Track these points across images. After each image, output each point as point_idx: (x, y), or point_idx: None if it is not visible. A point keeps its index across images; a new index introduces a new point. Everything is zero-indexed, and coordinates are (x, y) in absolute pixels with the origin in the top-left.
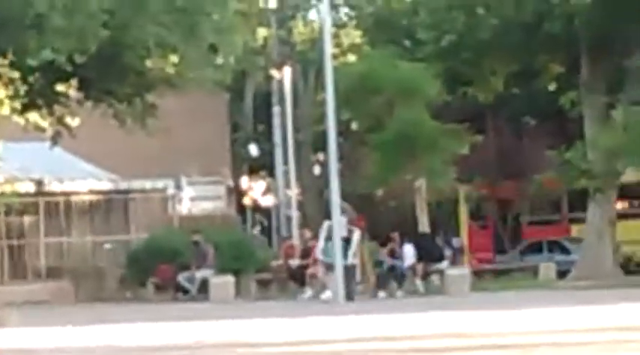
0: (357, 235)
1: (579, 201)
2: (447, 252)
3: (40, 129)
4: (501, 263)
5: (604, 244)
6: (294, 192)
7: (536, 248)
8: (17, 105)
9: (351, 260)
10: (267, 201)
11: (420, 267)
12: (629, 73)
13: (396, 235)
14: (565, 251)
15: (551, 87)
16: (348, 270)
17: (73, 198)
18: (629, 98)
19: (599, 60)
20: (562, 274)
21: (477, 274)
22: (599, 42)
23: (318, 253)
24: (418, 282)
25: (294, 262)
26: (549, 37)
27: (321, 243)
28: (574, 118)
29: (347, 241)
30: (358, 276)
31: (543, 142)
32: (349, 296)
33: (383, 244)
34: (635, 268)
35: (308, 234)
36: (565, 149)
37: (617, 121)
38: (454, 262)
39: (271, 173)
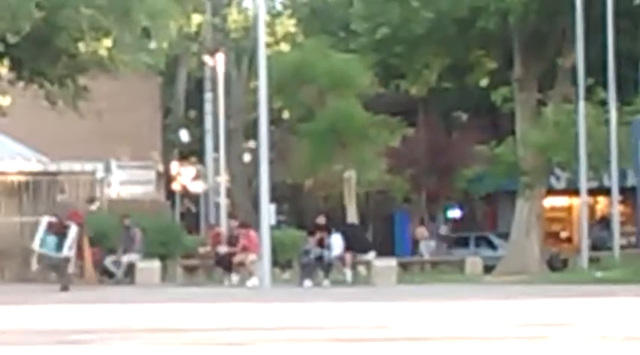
0: (73, 230)
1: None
2: (431, 242)
3: None
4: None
5: (530, 240)
6: (223, 179)
7: (463, 242)
8: None
9: (66, 253)
10: (197, 187)
11: (348, 257)
12: (560, 71)
13: (322, 220)
14: (492, 246)
15: (484, 82)
16: (61, 262)
17: (1, 178)
18: (560, 95)
19: (531, 57)
20: (489, 269)
21: (404, 266)
22: (533, 39)
23: (35, 245)
24: (347, 272)
25: (222, 249)
26: (483, 32)
27: (39, 235)
28: (505, 114)
29: (63, 235)
30: (72, 268)
31: (474, 137)
32: (64, 288)
33: (311, 233)
34: (561, 265)
35: (234, 222)
36: (495, 144)
37: (548, 118)
38: (441, 249)
39: (201, 159)
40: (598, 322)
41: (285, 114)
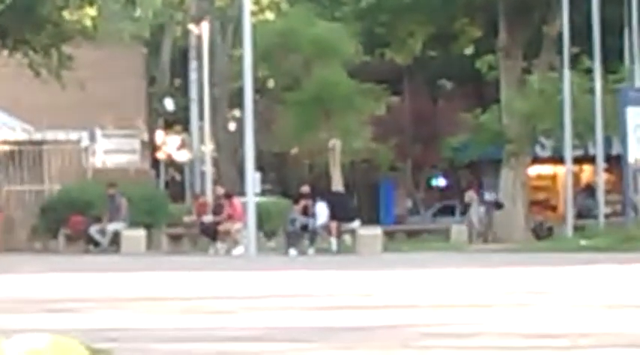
0: None
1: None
2: (481, 207)
3: None
4: (414, 224)
5: (516, 208)
6: (208, 148)
7: (448, 210)
8: None
9: None
10: (182, 156)
11: (333, 226)
12: (546, 39)
13: (306, 189)
14: (466, 214)
15: (469, 50)
16: None
17: None
18: (545, 64)
19: (517, 25)
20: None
21: (389, 235)
22: (518, 7)
23: None
24: (333, 240)
25: (207, 218)
26: (468, 1)
27: None
28: (490, 82)
29: None
30: None
31: (459, 105)
32: None
33: (295, 201)
34: (547, 233)
35: (221, 190)
36: (480, 112)
37: (533, 87)
38: (491, 215)
39: (186, 128)
40: (581, 290)
41: (270, 83)
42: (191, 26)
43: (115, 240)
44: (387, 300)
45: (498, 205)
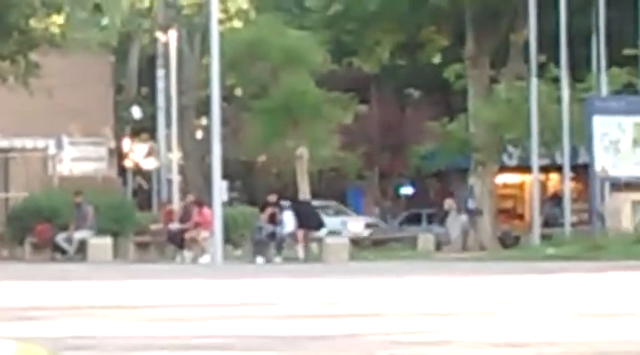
0: None
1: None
2: (462, 215)
3: None
4: (381, 233)
5: (483, 217)
6: (175, 155)
7: (415, 219)
8: None
9: None
10: (149, 164)
11: (300, 234)
12: (513, 48)
13: (273, 197)
14: (444, 223)
15: (436, 59)
16: None
17: None
18: (512, 73)
19: (484, 34)
20: (441, 245)
21: (356, 243)
22: (485, 16)
23: None
24: (300, 249)
25: (174, 225)
26: (436, 9)
27: None
28: (458, 91)
29: None
30: None
31: (426, 114)
32: None
33: (262, 210)
34: (513, 241)
35: (191, 198)
36: (448, 121)
37: (500, 95)
38: (473, 223)
39: (153, 136)
40: (548, 298)
41: (238, 91)
42: (159, 34)
43: (82, 248)
44: (353, 309)
45: (479, 213)
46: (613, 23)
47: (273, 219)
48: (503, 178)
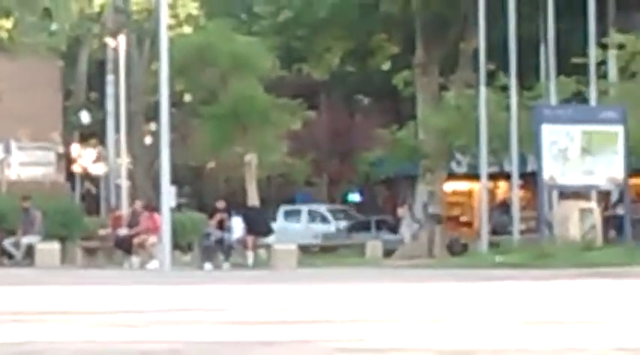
0: None
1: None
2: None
3: None
4: (329, 239)
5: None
6: (124, 161)
7: (364, 226)
8: None
9: None
10: (98, 170)
11: (249, 240)
12: (462, 56)
13: (222, 203)
14: (392, 230)
15: (386, 66)
16: None
17: None
18: (461, 80)
19: (433, 41)
20: (389, 253)
21: (305, 249)
22: (435, 23)
23: None
24: (248, 255)
25: (122, 231)
26: (386, 16)
27: None
28: (407, 98)
29: None
30: None
31: (376, 121)
32: None
33: (211, 216)
34: (461, 249)
35: (139, 203)
36: (397, 128)
37: (449, 103)
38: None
39: (102, 141)
40: (495, 306)
41: (187, 97)
42: (108, 39)
43: (29, 253)
44: (301, 315)
45: (439, 218)
46: (562, 32)
47: (222, 225)
48: (451, 186)
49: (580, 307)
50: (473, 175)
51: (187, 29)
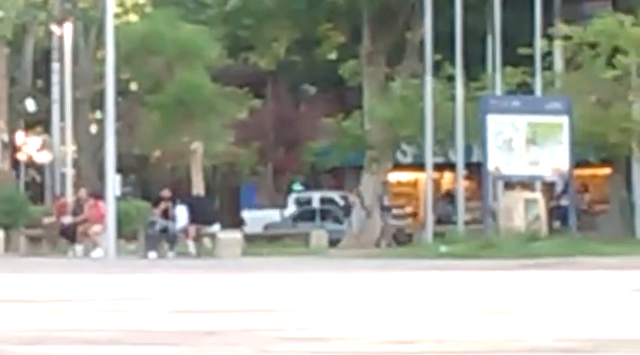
0: None
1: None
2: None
3: None
4: (275, 228)
5: (376, 214)
6: (70, 149)
7: (308, 215)
8: None
9: None
10: (42, 158)
11: (192, 229)
12: (409, 46)
13: (167, 192)
14: (337, 219)
15: (333, 56)
16: None
17: None
18: (407, 70)
19: (380, 31)
20: (334, 242)
21: (250, 239)
22: (381, 13)
23: None
24: (190, 244)
25: (66, 219)
26: (332, 6)
27: None
28: (353, 88)
29: None
30: None
31: (322, 110)
32: None
33: (155, 204)
34: (406, 239)
35: (84, 191)
36: (343, 118)
37: (395, 93)
38: (386, 220)
39: (48, 129)
40: (440, 296)
41: (133, 86)
42: (54, 27)
43: None
44: (245, 304)
45: (388, 209)
46: (508, 22)
47: (167, 214)
48: (397, 176)
49: (523, 298)
50: (418, 165)
51: (134, 17)
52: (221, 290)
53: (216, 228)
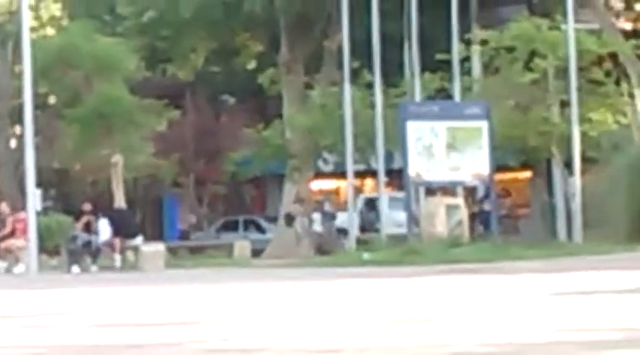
0: None
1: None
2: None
3: None
4: (198, 240)
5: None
6: None
7: (232, 226)
8: None
9: None
10: None
11: (116, 242)
12: (327, 54)
13: (88, 205)
14: (260, 229)
15: (251, 65)
16: None
17: None
18: (326, 79)
19: (298, 39)
20: (257, 252)
21: (173, 251)
22: (299, 22)
23: None
24: (116, 257)
25: None
26: (249, 15)
27: None
28: (273, 97)
29: None
30: None
31: (242, 121)
32: None
33: (77, 218)
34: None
35: (6, 207)
36: (263, 127)
37: (315, 101)
38: (329, 227)
39: None
40: (363, 304)
41: (52, 99)
42: None
43: None
44: (169, 317)
45: (332, 215)
46: (425, 28)
47: (89, 228)
48: (319, 184)
49: (445, 303)
50: (340, 173)
51: (50, 31)
52: (145, 303)
53: (138, 240)
